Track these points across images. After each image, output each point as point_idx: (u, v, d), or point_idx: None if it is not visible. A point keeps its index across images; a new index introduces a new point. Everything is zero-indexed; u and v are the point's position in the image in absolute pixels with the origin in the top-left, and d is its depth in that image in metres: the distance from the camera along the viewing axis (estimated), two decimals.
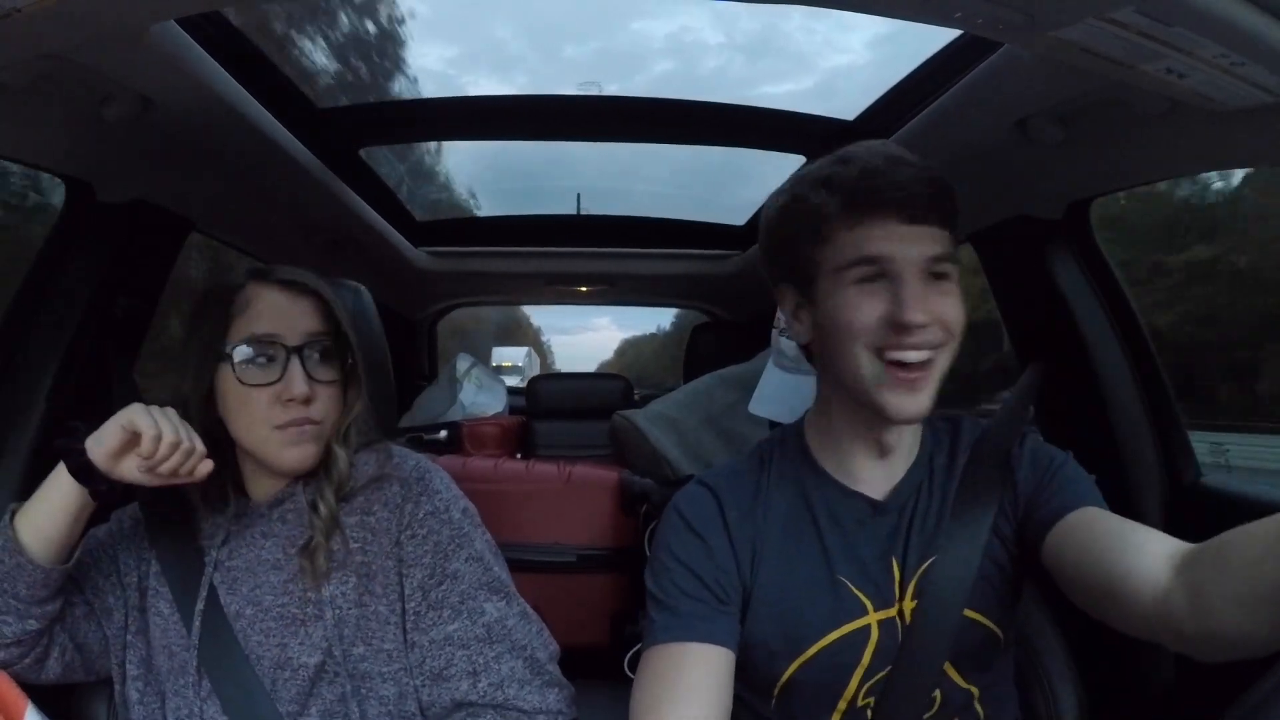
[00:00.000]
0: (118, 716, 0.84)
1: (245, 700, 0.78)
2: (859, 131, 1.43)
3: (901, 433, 0.78)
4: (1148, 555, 0.63)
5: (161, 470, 0.73)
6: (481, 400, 2.30)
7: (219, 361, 0.81)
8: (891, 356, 0.71)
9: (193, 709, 0.79)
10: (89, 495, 0.75)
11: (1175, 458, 1.17)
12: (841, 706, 0.75)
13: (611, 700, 0.82)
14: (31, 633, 0.78)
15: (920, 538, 0.77)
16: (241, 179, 1.31)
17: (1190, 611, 0.58)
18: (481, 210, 3.10)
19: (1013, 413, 0.90)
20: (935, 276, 0.72)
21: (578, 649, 0.97)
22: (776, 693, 0.77)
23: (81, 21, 0.70)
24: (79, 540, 0.79)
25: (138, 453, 0.73)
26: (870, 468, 0.79)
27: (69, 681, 0.85)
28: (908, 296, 0.70)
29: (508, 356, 15.97)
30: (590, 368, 16.82)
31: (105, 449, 0.73)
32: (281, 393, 0.79)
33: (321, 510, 0.81)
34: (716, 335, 2.80)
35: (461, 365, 2.35)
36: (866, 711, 0.75)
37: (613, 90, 1.65)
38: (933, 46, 1.12)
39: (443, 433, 2.10)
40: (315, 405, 0.81)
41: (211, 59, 0.97)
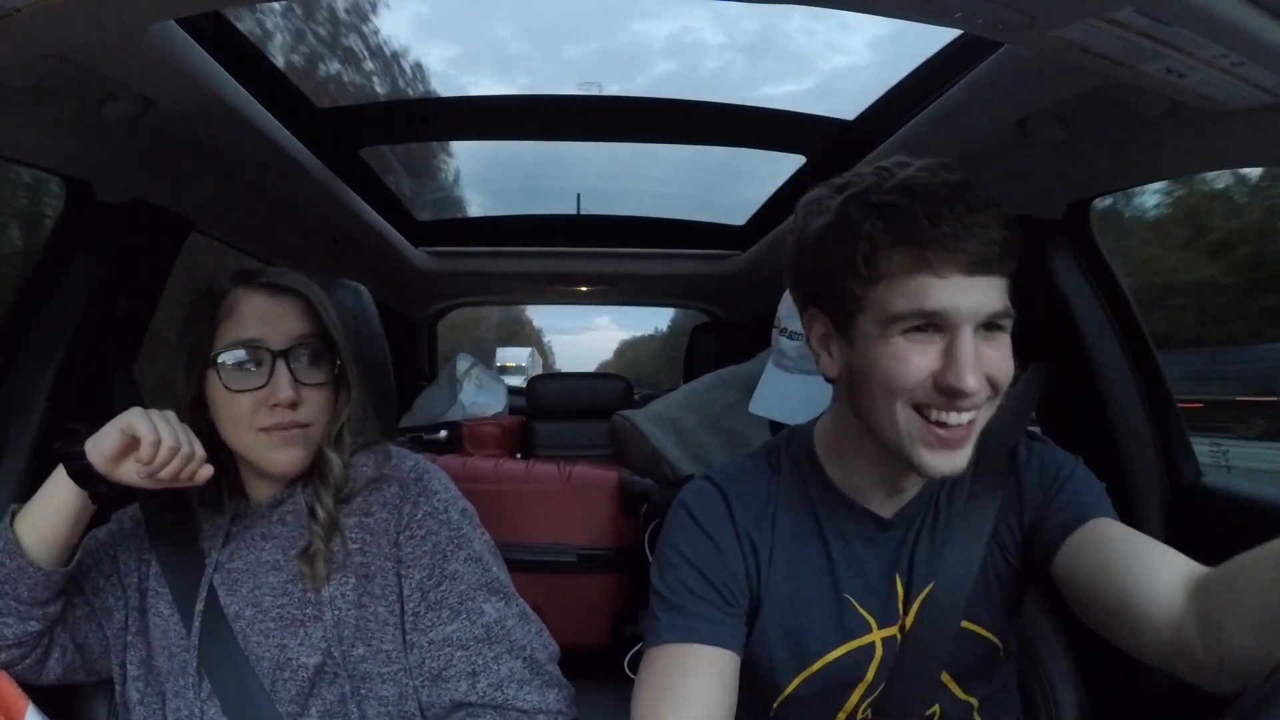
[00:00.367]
0: (118, 717, 0.84)
1: (245, 701, 0.78)
2: (859, 131, 1.42)
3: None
4: (1163, 582, 0.61)
5: (161, 475, 0.73)
6: (481, 400, 2.30)
7: (206, 367, 0.80)
8: (934, 417, 0.65)
9: (193, 710, 0.79)
10: (89, 498, 0.75)
11: (1175, 458, 1.17)
12: (841, 719, 0.75)
13: (612, 700, 0.82)
14: (32, 634, 0.78)
15: (926, 555, 0.75)
16: (241, 179, 1.31)
17: (1201, 637, 0.56)
18: (482, 210, 3.11)
19: (1013, 414, 0.90)
20: (990, 328, 0.65)
21: (578, 649, 0.97)
22: (776, 705, 0.76)
23: (81, 22, 0.70)
24: (79, 542, 0.79)
25: (136, 457, 0.73)
26: (885, 494, 0.76)
27: (70, 682, 0.85)
28: (964, 360, 0.63)
29: (512, 357, 16.14)
30: (590, 368, 16.90)
31: (104, 453, 0.73)
32: (268, 397, 0.79)
33: (320, 515, 0.81)
34: (716, 335, 2.81)
35: (461, 365, 2.35)
36: None
37: (613, 91, 1.64)
38: (933, 46, 1.12)
39: (443, 433, 2.11)
40: (303, 409, 0.81)
41: (211, 59, 0.97)
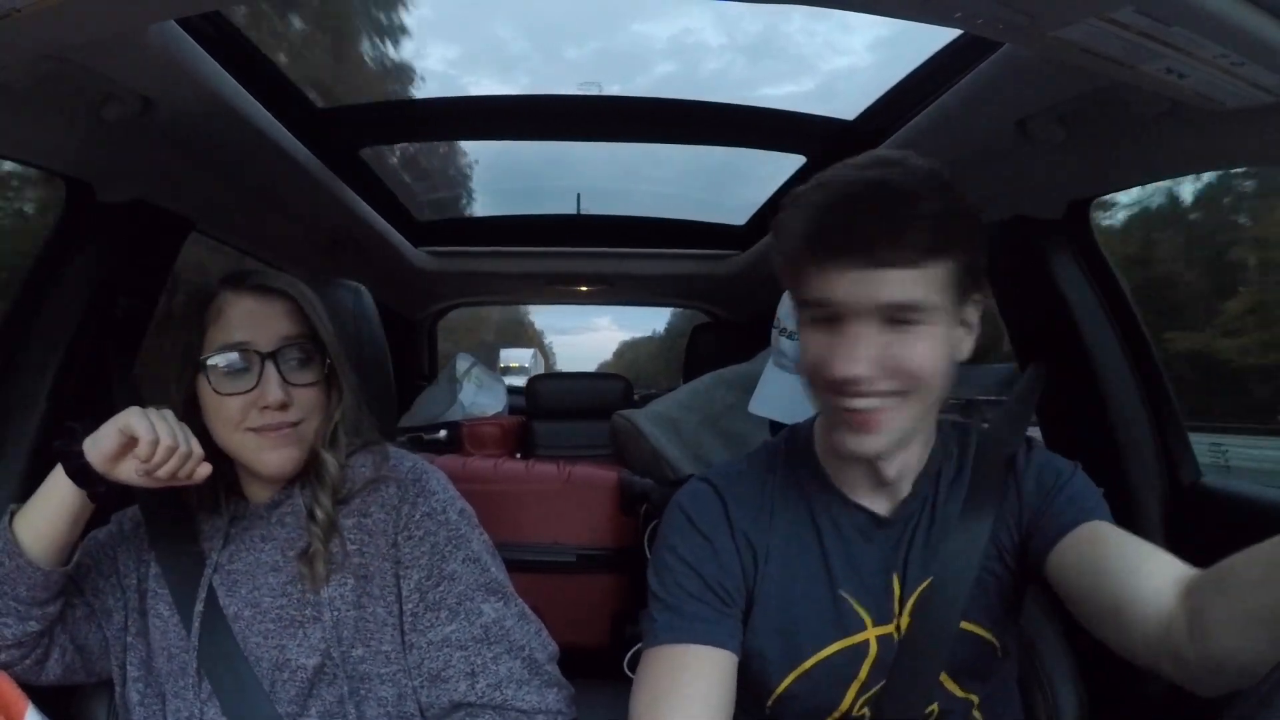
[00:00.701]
0: (118, 718, 0.84)
1: (244, 702, 0.78)
2: (859, 131, 1.42)
3: (891, 457, 0.73)
4: (1154, 582, 0.61)
5: (159, 474, 0.73)
6: (481, 400, 2.30)
7: (197, 371, 0.80)
8: (843, 403, 0.68)
9: (193, 710, 0.79)
10: (87, 497, 0.75)
11: (1175, 458, 1.17)
12: (836, 718, 0.75)
13: (611, 700, 0.81)
14: (32, 634, 0.78)
15: (922, 553, 0.75)
16: (241, 179, 1.31)
17: (1191, 637, 0.56)
18: (482, 210, 3.11)
19: (1013, 415, 0.89)
20: (897, 323, 0.65)
21: (577, 649, 0.97)
22: (770, 703, 0.76)
23: (81, 22, 0.70)
24: (78, 542, 0.79)
25: (135, 456, 0.73)
26: (872, 486, 0.77)
27: (69, 683, 0.85)
28: (845, 348, 0.65)
29: (515, 358, 16.26)
30: (590, 368, 16.93)
31: (102, 452, 0.73)
32: (257, 400, 0.79)
33: (319, 516, 0.81)
34: (716, 335, 2.80)
35: (461, 365, 2.35)
36: None
37: (614, 91, 1.64)
38: (933, 47, 1.12)
39: (442, 433, 2.11)
40: (294, 409, 0.80)
41: (211, 59, 0.97)
